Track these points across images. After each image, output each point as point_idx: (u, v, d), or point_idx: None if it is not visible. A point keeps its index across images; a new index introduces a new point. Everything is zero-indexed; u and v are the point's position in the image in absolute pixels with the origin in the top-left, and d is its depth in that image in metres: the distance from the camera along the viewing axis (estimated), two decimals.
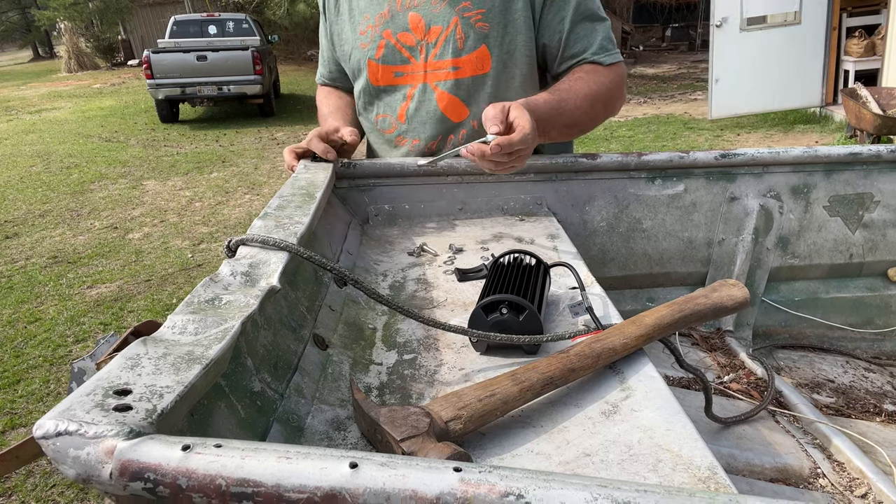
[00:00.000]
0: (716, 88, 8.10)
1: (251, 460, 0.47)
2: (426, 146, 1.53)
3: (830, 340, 1.70)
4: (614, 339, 0.86)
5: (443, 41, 1.45)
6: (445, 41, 1.44)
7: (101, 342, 0.90)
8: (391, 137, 1.56)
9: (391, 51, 1.48)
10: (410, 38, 1.46)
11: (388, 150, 1.59)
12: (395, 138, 1.55)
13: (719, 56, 7.94)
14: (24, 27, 34.20)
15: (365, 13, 1.50)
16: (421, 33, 1.45)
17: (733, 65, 7.95)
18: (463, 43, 1.44)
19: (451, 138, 1.51)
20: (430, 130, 1.51)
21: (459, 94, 1.47)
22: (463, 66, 1.45)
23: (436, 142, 1.52)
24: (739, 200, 1.60)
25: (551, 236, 1.36)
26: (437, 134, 1.51)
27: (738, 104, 8.19)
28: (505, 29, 1.44)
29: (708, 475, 0.66)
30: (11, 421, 2.94)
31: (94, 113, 12.64)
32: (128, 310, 4.11)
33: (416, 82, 1.49)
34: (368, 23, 1.49)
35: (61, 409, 0.50)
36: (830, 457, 1.16)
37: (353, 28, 1.53)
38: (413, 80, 1.49)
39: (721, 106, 8.21)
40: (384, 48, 1.48)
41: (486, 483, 0.46)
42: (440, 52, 1.45)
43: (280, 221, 1.01)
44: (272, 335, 0.81)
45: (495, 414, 0.74)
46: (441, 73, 1.46)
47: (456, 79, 1.46)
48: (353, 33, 1.53)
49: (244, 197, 6.60)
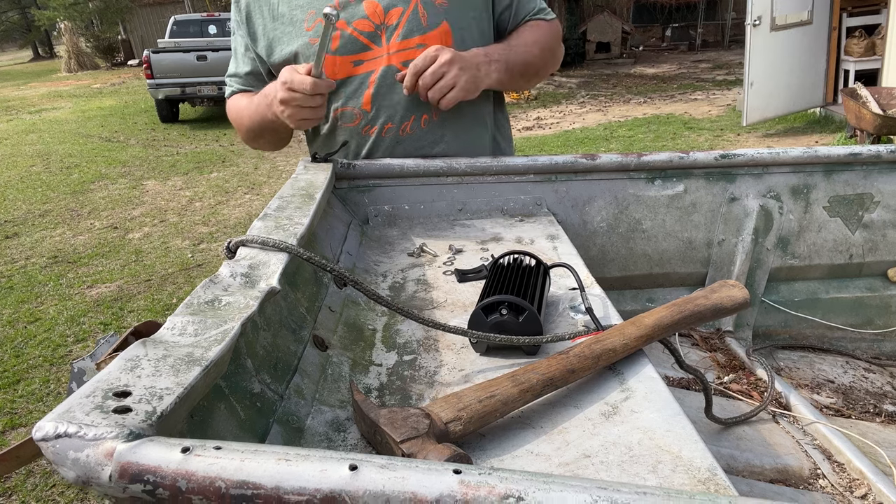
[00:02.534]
0: (751, 92, 7.56)
1: (251, 462, 0.47)
2: (400, 128, 1.50)
3: (830, 341, 1.70)
4: (614, 340, 0.86)
5: (405, 21, 1.45)
6: (408, 21, 1.45)
7: (101, 342, 0.90)
8: (357, 128, 1.52)
9: (348, 40, 1.46)
10: (368, 24, 1.45)
11: (355, 142, 1.56)
12: (363, 128, 1.52)
13: (755, 57, 7.36)
14: (24, 27, 34.21)
15: (309, 9, 1.46)
16: (379, 18, 1.45)
17: (766, 66, 7.46)
18: (427, 20, 1.46)
19: (426, 118, 1.50)
20: (402, 111, 1.49)
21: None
22: (429, 42, 1.46)
23: (410, 122, 1.50)
24: (739, 201, 1.60)
25: (551, 237, 1.36)
26: (410, 115, 1.50)
27: (767, 107, 7.76)
28: (462, 3, 1.48)
29: (708, 476, 0.66)
30: (11, 421, 2.94)
31: (94, 113, 12.64)
32: (128, 310, 4.11)
33: (378, 66, 1.47)
34: (316, 17, 1.46)
35: (61, 412, 0.50)
36: (830, 457, 1.16)
37: (297, 26, 1.48)
38: (374, 65, 1.47)
39: (754, 110, 7.72)
40: (339, 39, 1.46)
41: (486, 485, 0.46)
42: (404, 31, 1.45)
43: (280, 222, 1.01)
44: (272, 336, 0.81)
45: (495, 415, 0.74)
46: (409, 52, 1.46)
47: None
48: (297, 31, 1.48)
49: (244, 197, 6.60)
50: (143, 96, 13.62)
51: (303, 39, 1.48)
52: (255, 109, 1.52)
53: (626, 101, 11.10)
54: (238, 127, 1.65)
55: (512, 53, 1.50)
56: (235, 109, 1.64)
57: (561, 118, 10.05)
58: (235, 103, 1.64)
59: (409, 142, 1.52)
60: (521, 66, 1.52)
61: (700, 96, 11.04)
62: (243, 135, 1.67)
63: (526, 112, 10.70)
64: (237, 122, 1.64)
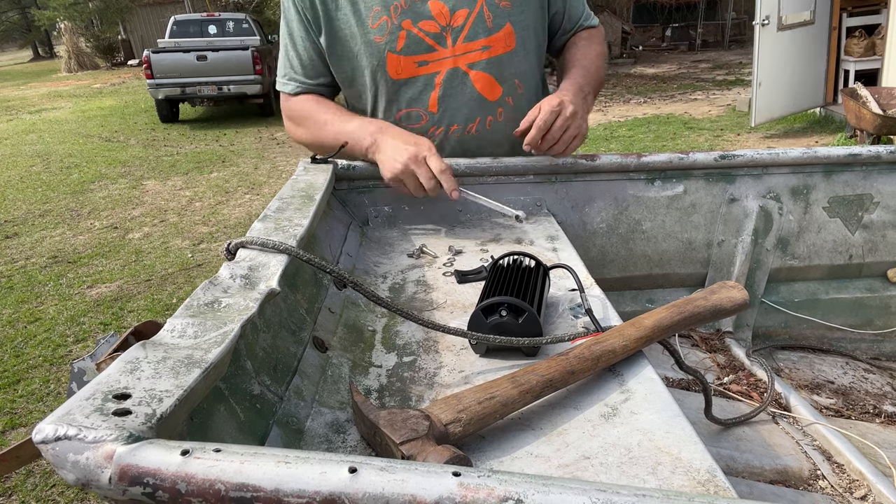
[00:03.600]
0: (759, 92, 7.51)
1: (250, 465, 0.47)
2: (465, 129, 1.53)
3: (830, 341, 1.70)
4: (614, 342, 0.86)
5: (471, 23, 1.46)
6: (474, 23, 1.46)
7: (101, 342, 0.90)
8: (423, 129, 1.52)
9: (413, 41, 1.46)
10: (434, 25, 1.46)
11: None
12: (429, 129, 1.53)
13: (763, 57, 7.29)
14: (24, 27, 34.21)
15: (374, 6, 1.45)
16: (445, 19, 1.45)
17: (773, 66, 7.40)
18: (492, 22, 1.47)
19: (490, 119, 1.53)
20: (466, 113, 1.51)
21: (492, 72, 1.50)
22: (494, 44, 1.48)
23: (475, 124, 1.53)
24: (739, 202, 1.60)
25: (551, 238, 1.36)
26: (476, 116, 1.52)
27: (773, 107, 7.73)
28: (523, 5, 1.50)
29: (707, 478, 0.66)
30: (11, 421, 2.94)
31: (94, 113, 12.65)
32: (128, 310, 4.11)
33: (444, 68, 1.48)
34: (382, 15, 1.45)
35: (60, 414, 0.50)
36: (830, 458, 1.16)
37: (361, 23, 1.47)
38: (440, 66, 1.48)
39: (762, 110, 7.68)
40: (405, 39, 1.46)
41: (486, 487, 0.46)
42: (469, 33, 1.47)
43: (279, 224, 1.01)
44: (272, 338, 0.81)
45: (495, 416, 0.74)
46: (473, 55, 1.48)
47: (489, 58, 1.49)
48: (360, 28, 1.47)
49: (244, 197, 6.60)
50: (143, 96, 13.61)
51: (366, 38, 1.47)
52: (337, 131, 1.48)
53: (626, 101, 11.10)
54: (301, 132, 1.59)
55: (592, 79, 1.54)
56: (304, 113, 1.57)
57: None
58: (303, 106, 1.57)
59: (474, 142, 1.54)
60: (599, 85, 1.59)
61: (700, 96, 11.04)
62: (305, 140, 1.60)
63: None
64: (302, 125, 1.58)
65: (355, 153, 1.45)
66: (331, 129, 1.50)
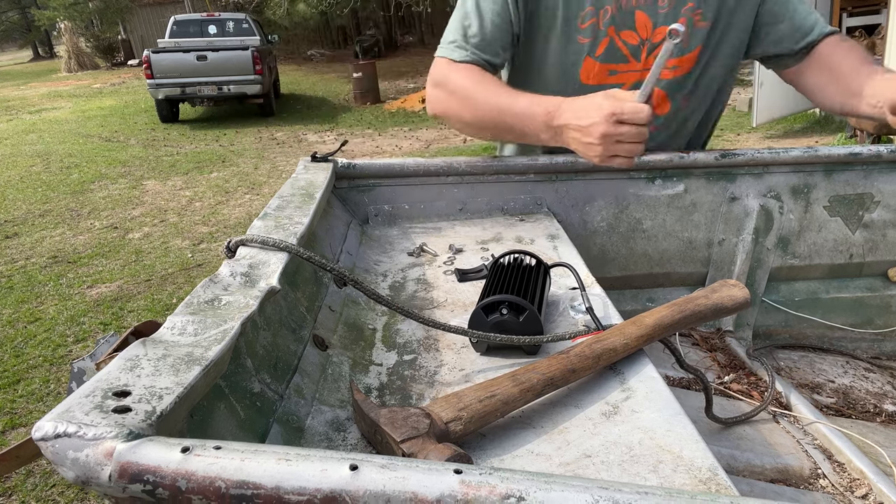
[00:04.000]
0: (761, 93, 7.54)
1: (251, 462, 0.47)
2: None
3: (830, 341, 1.70)
4: (614, 340, 0.86)
5: None
6: None
7: (101, 342, 0.90)
8: None
9: (612, 49, 1.42)
10: (634, 37, 1.42)
11: None
12: None
13: None
14: (24, 27, 34.22)
15: (587, 6, 1.38)
16: (646, 33, 1.42)
17: None
18: (687, 42, 1.43)
19: (652, 129, 1.46)
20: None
21: (669, 89, 1.47)
22: (682, 64, 1.45)
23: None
24: (739, 200, 1.60)
25: (551, 236, 1.36)
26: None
27: (774, 107, 7.75)
28: (725, 24, 1.44)
29: (709, 476, 0.66)
30: (11, 421, 2.94)
31: (94, 113, 12.65)
32: (128, 310, 4.11)
33: (630, 80, 1.45)
34: (591, 17, 1.39)
35: (60, 411, 0.50)
36: (831, 457, 1.16)
37: (569, 20, 1.38)
38: (626, 78, 1.45)
39: (763, 110, 7.71)
40: (606, 46, 1.41)
41: (487, 485, 0.46)
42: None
43: (280, 222, 1.01)
44: (272, 336, 0.81)
45: (495, 415, 0.73)
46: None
47: (673, 77, 1.45)
48: (567, 25, 1.38)
49: (244, 197, 6.60)
50: (143, 96, 13.61)
51: (570, 36, 1.39)
52: (502, 111, 1.30)
53: None
54: (452, 103, 1.40)
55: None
56: (464, 83, 1.37)
57: None
58: (467, 76, 1.37)
59: None
60: None
61: None
62: (452, 113, 1.41)
63: None
64: (457, 96, 1.38)
65: (526, 136, 1.29)
66: (493, 103, 1.32)
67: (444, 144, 8.83)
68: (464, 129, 1.46)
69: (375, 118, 11.10)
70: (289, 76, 16.44)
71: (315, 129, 10.29)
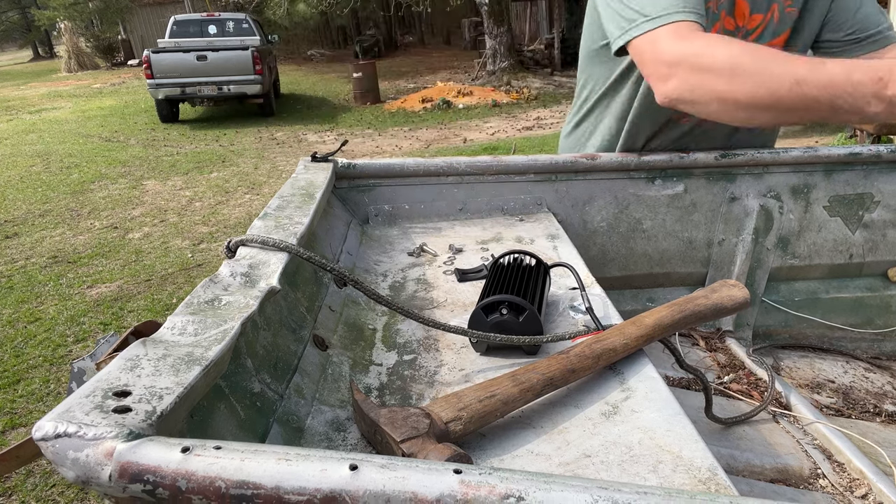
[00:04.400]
0: None
1: (251, 462, 0.47)
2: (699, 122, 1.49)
3: (830, 341, 1.70)
4: (614, 340, 0.86)
5: (761, 29, 1.41)
6: (764, 29, 1.41)
7: (101, 342, 0.90)
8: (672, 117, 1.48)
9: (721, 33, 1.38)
10: (732, 23, 1.41)
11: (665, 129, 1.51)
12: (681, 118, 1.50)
13: None
14: (24, 27, 34.22)
15: None
16: (743, 20, 1.40)
17: None
18: (776, 29, 1.42)
19: None
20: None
21: None
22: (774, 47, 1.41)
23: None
24: (739, 200, 1.60)
25: (551, 236, 1.36)
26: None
27: None
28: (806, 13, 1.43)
29: (708, 476, 0.66)
30: (11, 421, 2.94)
31: (94, 113, 12.64)
32: (128, 310, 4.11)
33: None
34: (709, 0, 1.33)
35: (60, 411, 0.50)
36: (831, 457, 1.16)
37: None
38: None
39: None
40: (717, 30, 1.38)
41: (487, 485, 0.46)
42: (756, 39, 1.41)
43: (280, 222, 1.01)
44: (272, 336, 0.81)
45: (495, 415, 0.73)
46: None
47: None
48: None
49: (244, 197, 6.60)
50: (143, 96, 13.61)
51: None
52: (799, 81, 1.04)
53: None
54: (725, 84, 1.10)
55: None
56: (735, 55, 1.10)
57: (561, 118, 10.04)
58: (730, 47, 1.11)
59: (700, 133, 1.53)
60: None
61: None
62: (733, 99, 1.12)
63: (526, 112, 10.70)
64: (732, 75, 1.09)
65: (838, 111, 1.04)
66: (783, 73, 1.06)
67: (444, 144, 8.83)
68: (732, 112, 1.15)
69: (375, 118, 11.10)
70: (289, 76, 16.43)
71: (315, 129, 10.29)
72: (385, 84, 14.00)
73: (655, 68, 1.18)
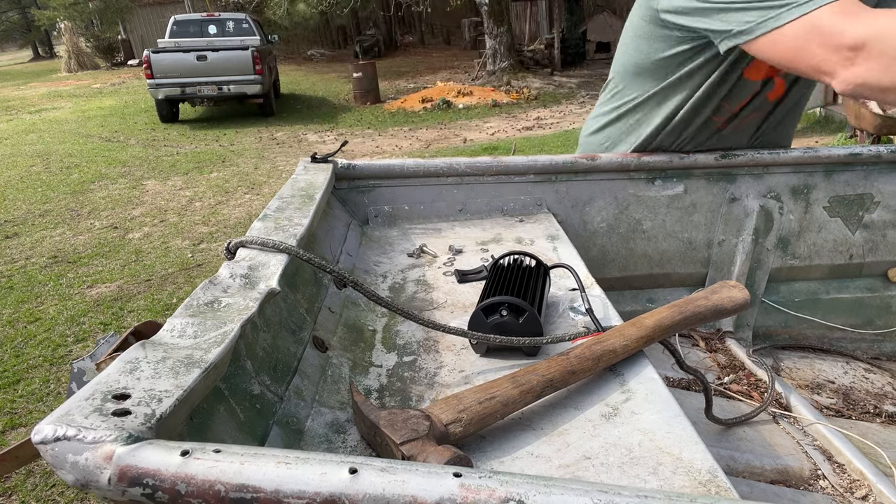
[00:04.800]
0: None
1: (250, 466, 0.47)
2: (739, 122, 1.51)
3: (830, 341, 1.70)
4: (614, 341, 0.86)
5: None
6: None
7: (101, 342, 0.89)
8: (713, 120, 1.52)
9: None
10: None
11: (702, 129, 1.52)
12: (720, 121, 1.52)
13: None
14: (24, 27, 34.21)
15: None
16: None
17: None
18: None
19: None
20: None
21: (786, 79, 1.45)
22: None
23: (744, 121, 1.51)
24: (739, 201, 1.60)
25: (551, 237, 1.36)
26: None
27: None
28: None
29: (708, 478, 0.66)
30: (11, 421, 2.94)
31: (94, 113, 12.64)
32: (128, 310, 4.11)
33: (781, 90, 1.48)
34: None
35: (60, 414, 0.50)
36: (831, 458, 1.15)
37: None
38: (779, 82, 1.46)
39: None
40: None
41: (487, 489, 0.46)
42: None
43: (279, 223, 1.01)
44: (272, 338, 0.81)
45: (495, 416, 0.73)
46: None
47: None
48: None
49: (244, 197, 6.60)
50: (143, 96, 13.61)
51: None
52: None
53: None
54: None
55: None
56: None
57: (561, 118, 10.05)
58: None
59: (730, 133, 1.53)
60: None
61: None
62: None
63: (526, 112, 10.69)
64: None
65: None
66: None
67: (443, 144, 8.83)
68: None
69: (375, 118, 11.10)
70: (289, 76, 16.43)
71: (315, 129, 10.28)
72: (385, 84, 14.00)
73: (830, 53, 1.06)
